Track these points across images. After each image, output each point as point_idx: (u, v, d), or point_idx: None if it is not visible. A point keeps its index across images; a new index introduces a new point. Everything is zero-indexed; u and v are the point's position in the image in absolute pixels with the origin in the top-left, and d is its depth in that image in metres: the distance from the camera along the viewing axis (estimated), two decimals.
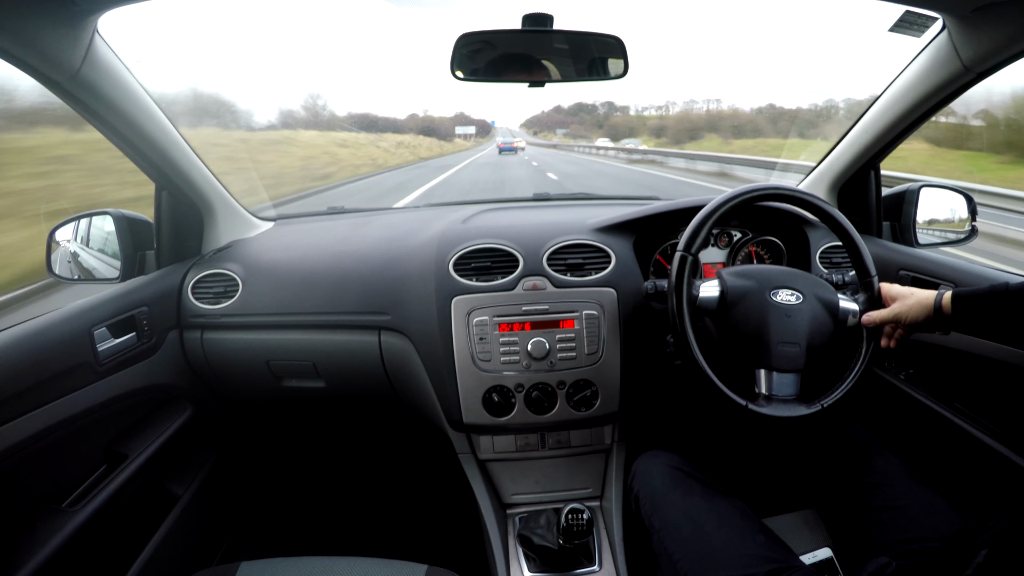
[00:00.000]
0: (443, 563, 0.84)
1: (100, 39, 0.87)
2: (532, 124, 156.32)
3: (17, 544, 0.81)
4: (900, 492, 0.84)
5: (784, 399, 0.88)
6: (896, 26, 0.98)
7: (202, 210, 1.27)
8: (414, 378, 1.15)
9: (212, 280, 1.20)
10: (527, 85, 1.05)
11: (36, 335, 0.86)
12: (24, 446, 0.81)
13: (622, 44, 1.01)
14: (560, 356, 1.08)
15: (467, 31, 0.95)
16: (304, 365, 1.20)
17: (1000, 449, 0.89)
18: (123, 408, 1.04)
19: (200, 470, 1.28)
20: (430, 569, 0.81)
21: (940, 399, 1.02)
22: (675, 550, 0.81)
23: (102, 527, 0.93)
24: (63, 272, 1.15)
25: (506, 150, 30.59)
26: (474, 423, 1.10)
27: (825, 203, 0.93)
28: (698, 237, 0.91)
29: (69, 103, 0.90)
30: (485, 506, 1.14)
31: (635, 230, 1.20)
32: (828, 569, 0.88)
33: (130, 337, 1.05)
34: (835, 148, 1.28)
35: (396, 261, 1.17)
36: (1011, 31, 0.82)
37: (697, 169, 14.65)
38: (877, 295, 0.90)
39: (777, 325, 0.88)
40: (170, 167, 1.12)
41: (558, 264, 1.12)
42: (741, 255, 1.27)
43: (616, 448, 1.20)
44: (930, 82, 0.99)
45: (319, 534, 1.55)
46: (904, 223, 1.24)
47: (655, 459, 0.94)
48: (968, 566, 0.53)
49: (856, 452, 0.92)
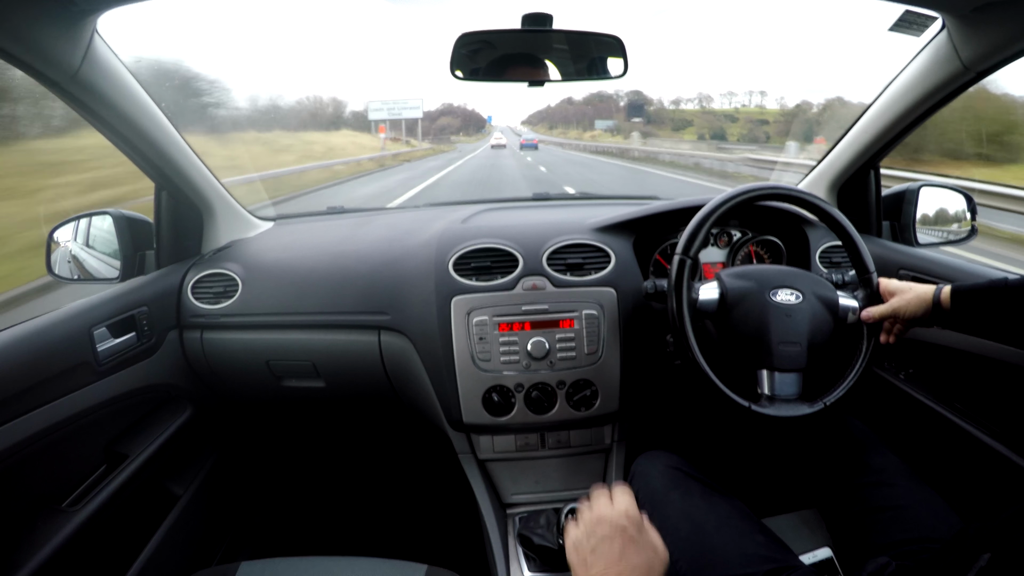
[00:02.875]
0: (443, 563, 0.84)
1: (100, 39, 0.87)
2: (541, 119, 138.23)
3: (17, 544, 0.81)
4: (900, 492, 0.84)
5: (787, 399, 0.88)
6: (896, 26, 0.98)
7: (202, 210, 1.27)
8: (414, 378, 1.15)
9: (212, 280, 1.20)
10: (527, 85, 1.06)
11: (36, 335, 0.86)
12: (24, 446, 0.81)
13: (621, 44, 1.01)
14: (560, 356, 1.08)
15: (467, 31, 0.96)
16: (304, 365, 1.20)
17: (1000, 449, 0.89)
18: (123, 408, 1.04)
19: (200, 470, 1.28)
20: (430, 569, 0.81)
21: (940, 399, 1.02)
22: (675, 550, 0.80)
23: (102, 527, 0.93)
24: (63, 272, 1.15)
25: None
26: (474, 423, 1.10)
27: (824, 202, 0.94)
28: (697, 239, 0.91)
29: (69, 103, 0.90)
30: (485, 506, 1.14)
31: (635, 230, 1.20)
32: (828, 569, 0.88)
33: (130, 337, 1.05)
34: (835, 147, 1.28)
35: (396, 261, 1.17)
36: (1011, 31, 0.82)
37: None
38: (876, 291, 0.90)
39: (778, 325, 0.88)
40: (170, 167, 1.12)
41: (558, 264, 1.12)
42: (741, 255, 1.27)
43: (616, 448, 1.20)
44: (930, 82, 0.99)
45: (319, 534, 1.55)
46: (904, 223, 1.24)
47: (654, 459, 0.94)
48: (970, 570, 0.53)
49: (856, 452, 0.92)
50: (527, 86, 1.06)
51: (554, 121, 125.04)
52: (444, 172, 15.01)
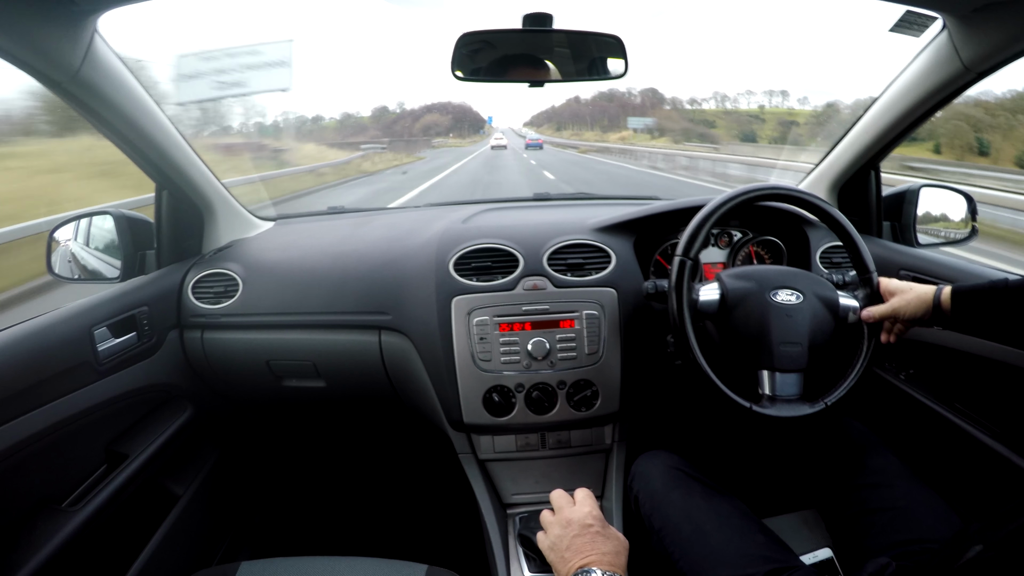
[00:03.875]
0: (443, 563, 0.84)
1: (100, 39, 0.87)
2: (547, 120, 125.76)
3: (17, 544, 0.81)
4: (900, 492, 0.84)
5: (788, 399, 0.88)
6: (896, 26, 0.98)
7: (202, 210, 1.27)
8: (414, 378, 1.15)
9: (212, 280, 1.20)
10: (527, 85, 1.06)
11: (36, 335, 0.86)
12: (24, 446, 0.81)
13: (622, 44, 1.01)
14: (560, 356, 1.08)
15: (467, 31, 0.96)
16: (304, 365, 1.20)
17: (1000, 449, 0.89)
18: (123, 408, 1.04)
19: (200, 470, 1.28)
20: (430, 569, 0.81)
21: (940, 399, 1.02)
22: (675, 550, 0.81)
23: (102, 527, 0.93)
24: (63, 272, 1.15)
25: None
26: (474, 423, 1.10)
27: (824, 202, 0.94)
28: (697, 239, 0.91)
29: (69, 103, 0.90)
30: (485, 506, 1.14)
31: (635, 230, 1.20)
32: (828, 569, 0.88)
33: (130, 337, 1.05)
34: (835, 148, 1.28)
35: (396, 261, 1.17)
36: (1011, 31, 0.82)
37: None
38: (876, 291, 0.90)
39: (778, 325, 0.88)
40: (170, 167, 1.12)
41: (558, 264, 1.12)
42: (741, 255, 1.27)
43: (616, 448, 1.20)
44: (930, 82, 0.99)
45: (319, 534, 1.55)
46: (904, 223, 1.24)
47: (655, 459, 0.94)
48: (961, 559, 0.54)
49: (856, 452, 0.92)
50: (528, 86, 1.06)
51: (563, 121, 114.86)
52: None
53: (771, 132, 57.90)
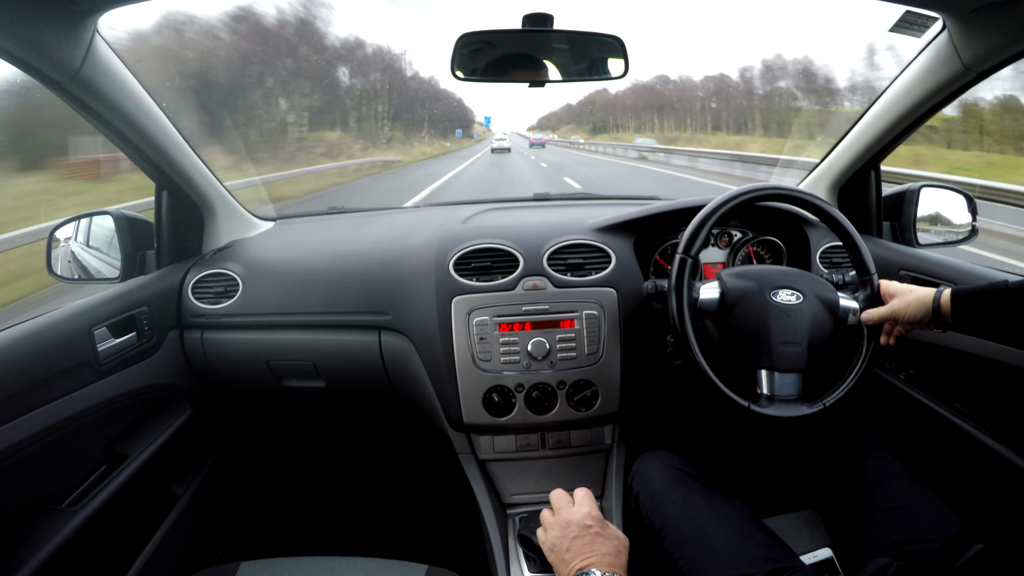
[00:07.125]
0: (443, 563, 0.84)
1: (100, 39, 0.87)
2: (559, 122, 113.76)
3: (17, 544, 0.81)
4: (900, 492, 0.84)
5: (786, 399, 0.88)
6: (896, 26, 0.98)
7: (202, 210, 1.27)
8: (414, 378, 1.15)
9: (212, 280, 1.20)
10: (527, 85, 1.06)
11: (36, 335, 0.86)
12: (24, 446, 0.81)
13: (622, 44, 1.01)
14: (560, 356, 1.08)
15: (467, 31, 0.96)
16: (304, 365, 1.20)
17: (1000, 449, 0.89)
18: (123, 408, 1.04)
19: (200, 470, 1.28)
20: (430, 569, 0.81)
21: (940, 399, 1.02)
22: (675, 550, 0.81)
23: (102, 527, 0.93)
24: (63, 272, 1.15)
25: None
26: (474, 423, 1.10)
27: (824, 202, 0.94)
28: (697, 239, 0.91)
29: (69, 103, 0.90)
30: (485, 506, 1.14)
31: (635, 230, 1.20)
32: (828, 569, 0.88)
33: (130, 337, 1.05)
34: (835, 148, 1.28)
35: (396, 261, 1.17)
36: (1011, 31, 0.82)
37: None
38: (876, 292, 0.90)
39: (778, 325, 0.88)
40: (170, 167, 1.12)
41: (558, 264, 1.12)
42: (741, 255, 1.27)
43: (616, 448, 1.20)
44: (930, 82, 0.99)
45: (319, 534, 1.55)
46: (904, 223, 1.24)
47: (655, 459, 0.94)
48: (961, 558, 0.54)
49: (856, 452, 0.92)
50: (528, 86, 1.06)
51: (580, 121, 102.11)
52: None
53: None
